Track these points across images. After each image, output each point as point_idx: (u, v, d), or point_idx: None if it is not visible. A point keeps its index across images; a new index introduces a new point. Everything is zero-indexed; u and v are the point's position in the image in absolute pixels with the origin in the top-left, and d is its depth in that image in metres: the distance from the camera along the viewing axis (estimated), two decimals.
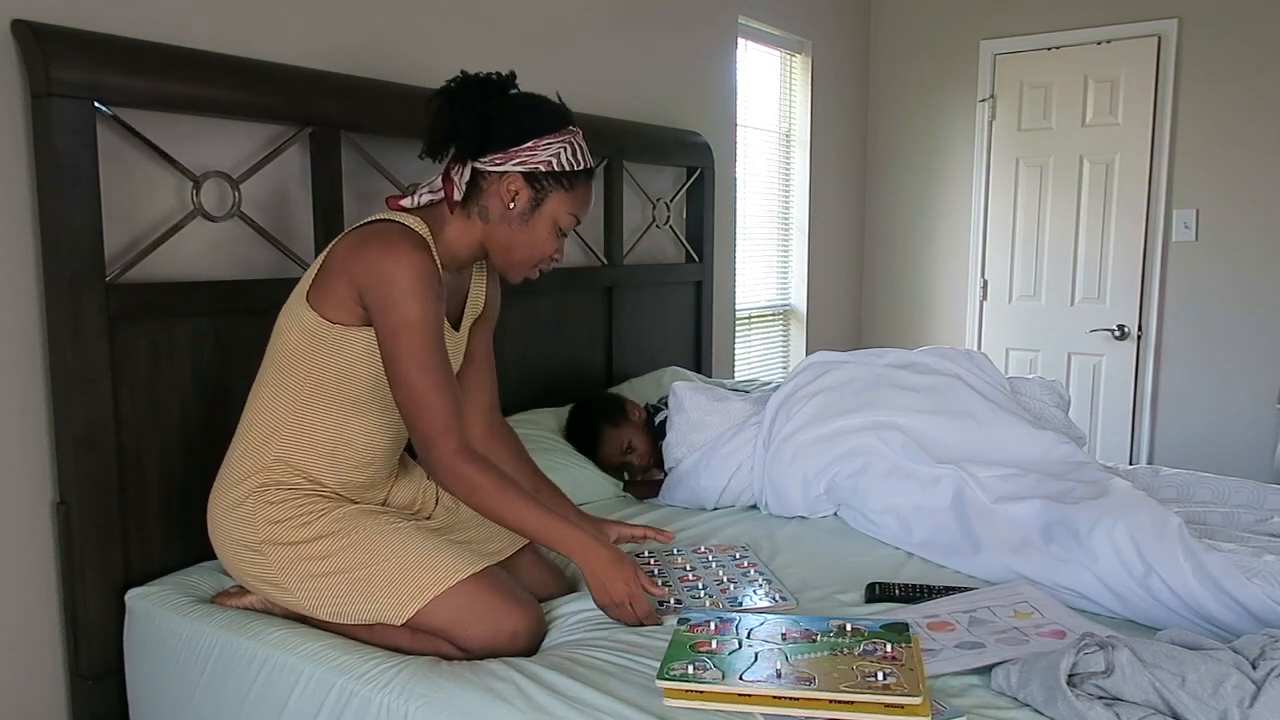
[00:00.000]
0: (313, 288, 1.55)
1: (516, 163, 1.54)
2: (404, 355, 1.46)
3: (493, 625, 1.47)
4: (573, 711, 1.24)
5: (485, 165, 1.55)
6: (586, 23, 2.81)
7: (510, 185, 1.56)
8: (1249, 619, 1.48)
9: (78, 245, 1.59)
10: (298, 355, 1.55)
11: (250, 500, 1.55)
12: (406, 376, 1.46)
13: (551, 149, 1.55)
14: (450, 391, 1.49)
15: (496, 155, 1.55)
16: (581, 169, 1.59)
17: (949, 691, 1.31)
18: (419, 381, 1.46)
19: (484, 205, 1.58)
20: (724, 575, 1.74)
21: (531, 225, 1.58)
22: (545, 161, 1.55)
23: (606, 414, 2.38)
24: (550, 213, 1.58)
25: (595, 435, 2.36)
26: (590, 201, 1.64)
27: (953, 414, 2.12)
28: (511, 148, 1.54)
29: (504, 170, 1.55)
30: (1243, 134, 3.64)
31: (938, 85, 4.28)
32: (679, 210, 3.23)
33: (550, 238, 1.60)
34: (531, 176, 1.56)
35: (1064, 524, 1.73)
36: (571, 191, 1.59)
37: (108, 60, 1.61)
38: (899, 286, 4.51)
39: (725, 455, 2.19)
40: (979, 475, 1.94)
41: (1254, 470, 3.64)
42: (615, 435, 2.36)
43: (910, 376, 2.23)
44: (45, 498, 1.67)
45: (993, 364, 2.32)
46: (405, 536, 1.54)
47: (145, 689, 1.65)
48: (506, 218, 1.58)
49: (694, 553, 1.87)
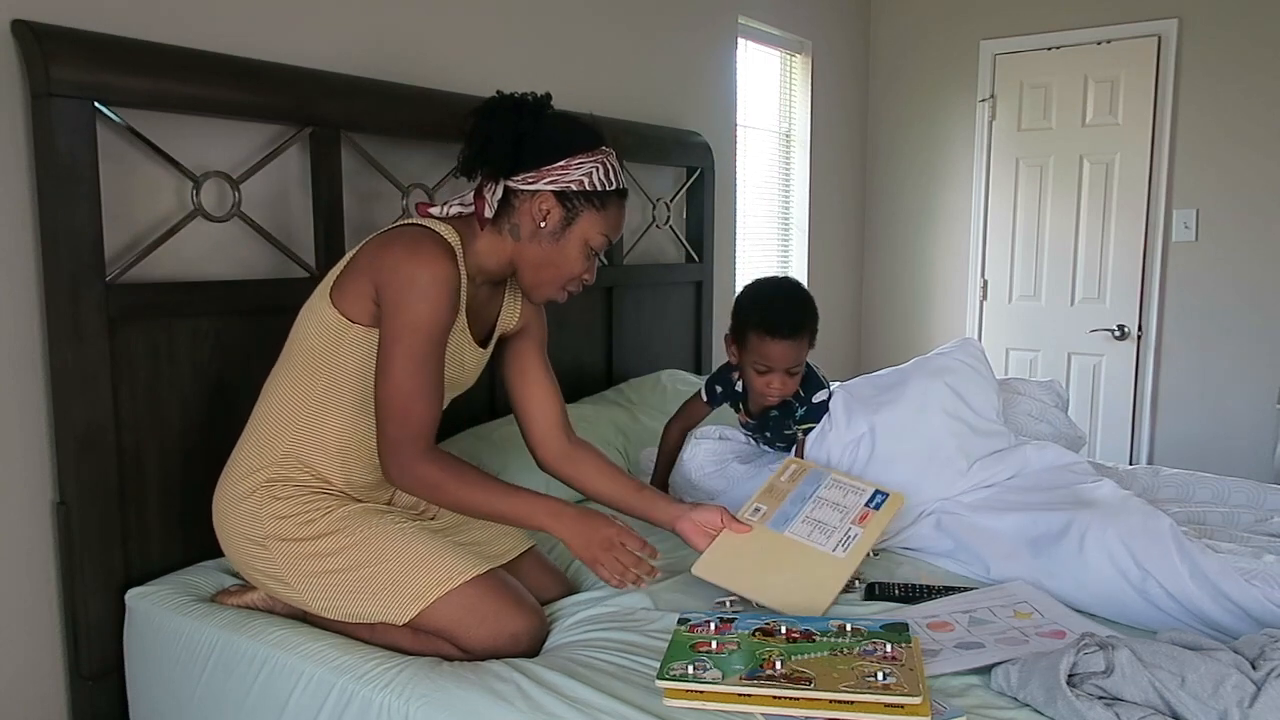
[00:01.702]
0: (336, 286, 1.55)
1: (548, 181, 1.54)
2: (401, 355, 1.46)
3: (494, 627, 1.48)
4: (573, 711, 1.24)
5: (518, 183, 1.55)
6: (586, 22, 2.81)
7: (542, 204, 1.55)
8: (1248, 621, 1.47)
9: (78, 245, 1.59)
10: (316, 352, 1.55)
11: (257, 494, 1.55)
12: (397, 377, 1.46)
13: (584, 168, 1.55)
14: (436, 402, 1.49)
15: (529, 174, 1.55)
16: (614, 189, 1.58)
17: (949, 691, 1.31)
18: (408, 384, 1.46)
19: (515, 223, 1.58)
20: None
21: (562, 245, 1.58)
22: (578, 181, 1.54)
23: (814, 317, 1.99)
24: (581, 232, 1.57)
25: (798, 317, 1.93)
26: (622, 222, 1.63)
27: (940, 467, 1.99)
28: (544, 166, 1.54)
29: (536, 189, 1.55)
30: (1243, 134, 3.64)
31: (938, 85, 4.28)
32: (679, 210, 3.23)
33: (580, 257, 1.60)
34: (563, 195, 1.55)
35: (1052, 535, 1.70)
36: (603, 211, 1.58)
37: (108, 60, 1.61)
38: (899, 286, 4.51)
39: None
40: (956, 499, 1.92)
41: (1254, 470, 3.63)
42: (799, 347, 1.95)
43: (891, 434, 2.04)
44: (45, 498, 1.67)
45: (981, 352, 2.19)
46: (409, 537, 1.54)
47: (145, 689, 1.65)
48: (537, 236, 1.57)
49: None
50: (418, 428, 1.47)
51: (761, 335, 1.91)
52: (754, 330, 1.92)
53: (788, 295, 1.97)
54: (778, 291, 1.98)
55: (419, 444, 1.47)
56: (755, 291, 1.99)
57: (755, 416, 2.10)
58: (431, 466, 1.47)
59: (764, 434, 2.13)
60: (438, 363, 1.49)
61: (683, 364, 3.22)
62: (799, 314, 1.94)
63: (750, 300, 1.97)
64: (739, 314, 1.98)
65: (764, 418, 2.08)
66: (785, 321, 1.91)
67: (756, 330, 1.91)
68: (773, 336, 1.90)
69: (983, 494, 1.93)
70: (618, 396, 2.72)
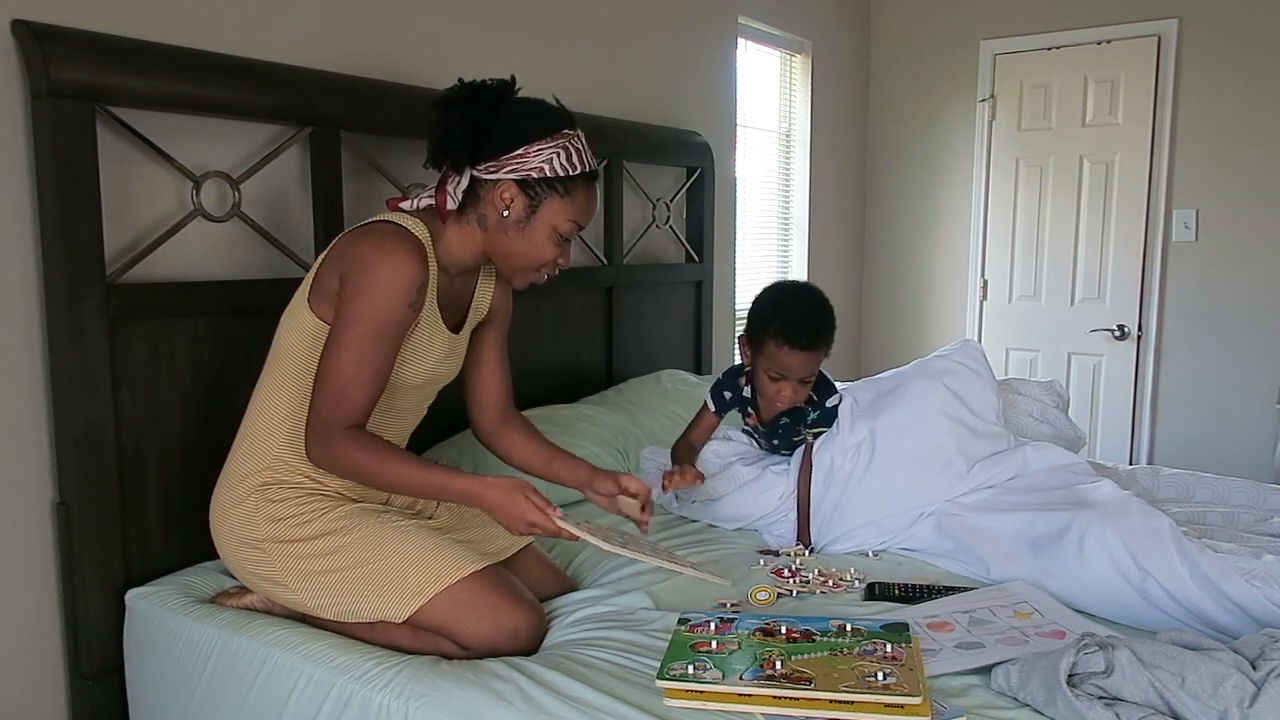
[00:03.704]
0: (312, 290, 1.55)
1: (509, 170, 1.53)
2: (350, 340, 1.46)
3: (493, 623, 1.48)
4: (573, 711, 1.24)
5: (480, 173, 1.55)
6: (586, 22, 2.81)
7: (504, 193, 1.55)
8: (1248, 621, 1.47)
9: (78, 245, 1.59)
10: (298, 357, 1.56)
11: (253, 498, 1.55)
12: (342, 359, 1.45)
13: (544, 155, 1.53)
14: (374, 394, 1.49)
15: (490, 163, 1.54)
16: (578, 173, 1.57)
17: (949, 691, 1.31)
18: (350, 370, 1.46)
19: (482, 213, 1.57)
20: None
21: (528, 233, 1.57)
22: (537, 168, 1.53)
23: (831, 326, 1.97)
24: (547, 219, 1.56)
25: (818, 329, 1.91)
26: (593, 206, 1.62)
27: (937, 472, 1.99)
28: (503, 155, 1.53)
29: (498, 178, 1.54)
30: (1243, 134, 3.64)
31: (938, 85, 4.28)
32: (679, 210, 3.23)
33: (549, 244, 1.59)
34: (525, 184, 1.54)
35: (1052, 536, 1.70)
36: (568, 197, 1.57)
37: (108, 60, 1.61)
38: (899, 286, 4.51)
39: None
40: (956, 500, 1.92)
41: (1254, 470, 3.63)
42: (816, 358, 1.93)
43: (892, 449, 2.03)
44: (45, 498, 1.67)
45: (981, 354, 2.18)
46: (407, 534, 1.54)
47: (145, 689, 1.65)
48: (503, 225, 1.57)
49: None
50: (350, 413, 1.47)
51: (780, 343, 1.88)
52: (772, 337, 1.89)
53: (810, 305, 1.94)
54: (800, 300, 1.96)
55: (346, 427, 1.47)
56: (777, 296, 1.97)
57: (766, 423, 2.08)
58: (351, 445, 1.46)
59: (772, 442, 2.12)
60: (385, 357, 1.49)
61: (683, 364, 3.22)
62: (819, 325, 1.91)
63: (770, 305, 1.94)
64: (757, 317, 1.95)
65: (774, 424, 2.07)
66: (805, 332, 1.88)
67: (775, 337, 1.89)
68: (791, 346, 1.88)
69: (983, 495, 1.93)
70: (617, 397, 2.72)
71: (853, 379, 2.16)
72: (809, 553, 1.91)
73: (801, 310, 1.92)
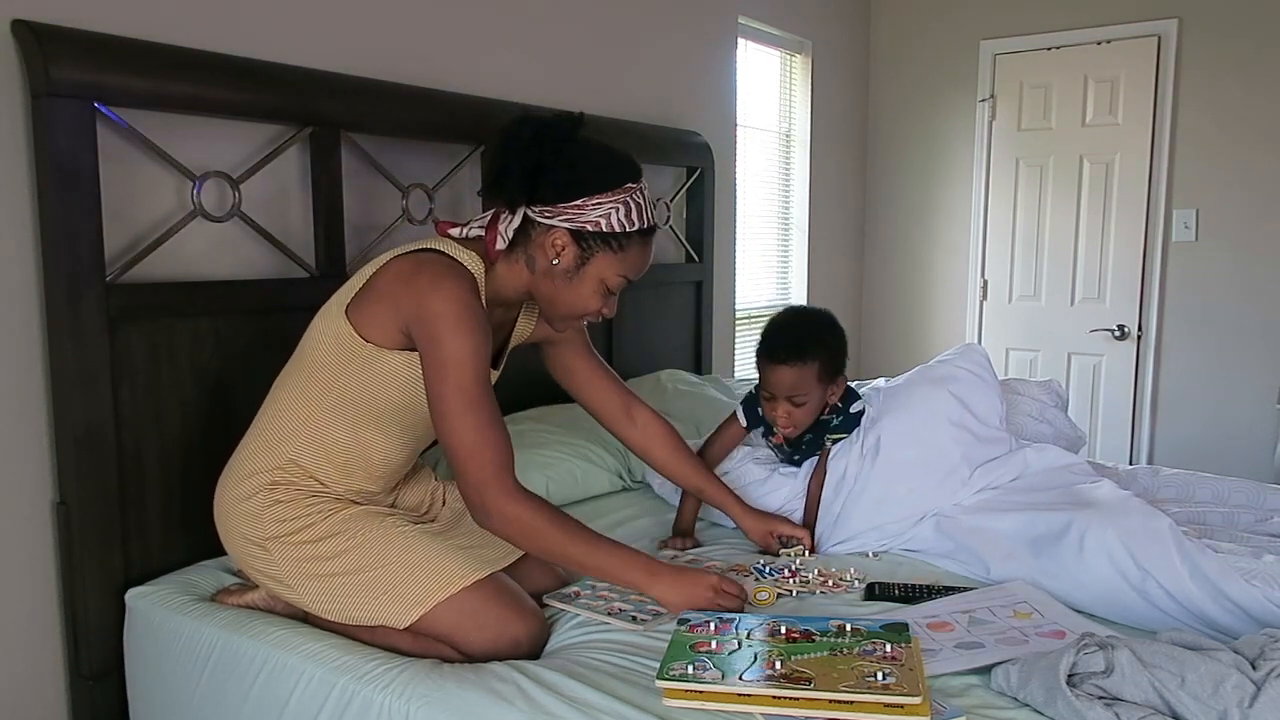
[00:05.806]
0: (353, 303, 1.51)
1: (564, 219, 1.48)
2: (451, 392, 1.40)
3: (495, 632, 1.47)
4: (573, 712, 1.24)
5: (535, 215, 1.50)
6: (586, 22, 2.81)
7: (556, 241, 1.49)
8: (1248, 621, 1.47)
9: (78, 245, 1.59)
10: (326, 365, 1.53)
11: (259, 496, 1.55)
12: (454, 415, 1.40)
13: (602, 209, 1.48)
14: (501, 429, 1.43)
15: (546, 207, 1.49)
16: (635, 229, 1.51)
17: (949, 691, 1.31)
18: (469, 420, 1.40)
19: (531, 255, 1.53)
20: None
21: (575, 284, 1.52)
22: (593, 222, 1.48)
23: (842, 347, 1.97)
24: (596, 272, 1.52)
25: (796, 344, 1.89)
26: (646, 261, 1.56)
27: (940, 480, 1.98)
28: (559, 203, 1.48)
29: (552, 224, 1.49)
30: (1243, 134, 3.64)
31: (938, 85, 4.28)
32: (679, 210, 3.23)
33: (595, 296, 1.54)
34: (579, 234, 1.49)
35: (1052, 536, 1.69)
36: (621, 253, 1.51)
37: (108, 60, 1.61)
38: (899, 286, 4.51)
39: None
40: (957, 501, 1.92)
41: (1254, 470, 3.63)
42: (799, 374, 1.91)
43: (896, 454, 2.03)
44: (45, 498, 1.67)
45: (984, 358, 2.17)
46: (410, 540, 1.53)
47: (145, 689, 1.65)
48: (551, 272, 1.52)
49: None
50: (494, 463, 1.40)
51: (762, 358, 1.92)
52: (758, 353, 1.94)
53: (798, 320, 1.96)
54: (792, 316, 1.98)
55: (503, 480, 1.41)
56: (776, 316, 2.00)
57: (790, 441, 2.05)
58: (524, 508, 1.41)
59: (794, 458, 2.10)
60: (487, 390, 1.42)
61: (683, 364, 3.22)
62: (799, 341, 1.89)
63: (768, 324, 1.98)
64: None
65: (798, 441, 2.05)
66: (780, 345, 1.89)
67: (759, 353, 1.93)
68: (769, 359, 1.90)
69: (983, 496, 1.92)
70: None
71: (852, 380, 2.15)
72: (809, 553, 1.91)
73: (785, 325, 1.94)
